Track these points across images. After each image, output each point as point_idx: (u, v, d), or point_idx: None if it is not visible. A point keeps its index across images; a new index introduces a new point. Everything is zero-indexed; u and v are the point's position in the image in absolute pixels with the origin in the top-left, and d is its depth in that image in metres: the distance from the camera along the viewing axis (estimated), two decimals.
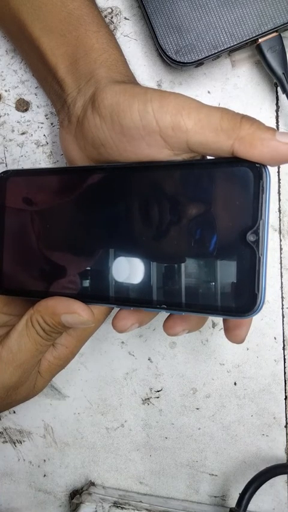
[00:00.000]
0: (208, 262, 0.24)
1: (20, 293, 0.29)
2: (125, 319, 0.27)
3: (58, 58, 0.30)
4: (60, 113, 0.31)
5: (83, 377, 0.39)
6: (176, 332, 0.27)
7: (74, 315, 0.26)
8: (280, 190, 0.37)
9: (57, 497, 0.41)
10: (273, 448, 0.39)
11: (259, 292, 0.22)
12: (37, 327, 0.27)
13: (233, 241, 0.23)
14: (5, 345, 0.28)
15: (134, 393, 0.39)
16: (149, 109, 0.24)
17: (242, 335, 0.27)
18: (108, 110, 0.26)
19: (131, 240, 0.26)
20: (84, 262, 0.27)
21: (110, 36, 0.31)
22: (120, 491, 0.40)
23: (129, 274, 0.26)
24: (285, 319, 0.38)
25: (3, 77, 0.36)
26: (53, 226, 0.28)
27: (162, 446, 0.40)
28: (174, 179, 0.25)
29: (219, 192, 0.23)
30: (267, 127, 0.23)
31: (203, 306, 0.24)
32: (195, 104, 0.24)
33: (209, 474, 0.40)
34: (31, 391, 0.31)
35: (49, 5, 0.30)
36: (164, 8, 0.32)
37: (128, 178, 0.26)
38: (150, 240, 0.25)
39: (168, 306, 0.25)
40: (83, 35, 0.30)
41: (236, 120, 0.23)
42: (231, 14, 0.32)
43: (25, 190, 0.28)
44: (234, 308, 0.23)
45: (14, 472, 0.41)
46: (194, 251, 0.24)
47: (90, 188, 0.27)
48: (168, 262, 0.25)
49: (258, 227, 0.22)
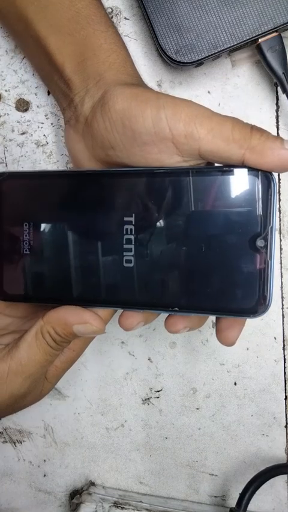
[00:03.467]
0: (219, 266, 0.25)
1: (21, 299, 0.29)
2: (132, 317, 0.27)
3: (65, 57, 0.30)
4: (66, 111, 0.31)
5: (83, 377, 0.39)
6: (178, 330, 0.27)
7: (86, 325, 0.27)
8: (280, 190, 0.37)
9: (57, 497, 0.41)
10: (273, 448, 0.39)
11: (268, 293, 0.24)
12: (48, 338, 0.27)
13: (243, 247, 0.24)
14: (14, 357, 0.28)
15: (134, 393, 0.39)
16: (162, 115, 0.25)
17: (234, 336, 0.27)
18: (119, 115, 0.26)
19: (139, 244, 0.26)
20: (88, 267, 0.27)
21: (117, 36, 0.31)
22: (120, 491, 0.40)
23: (139, 277, 0.26)
24: (285, 319, 0.38)
25: (3, 77, 0.36)
26: (54, 230, 0.27)
27: (162, 446, 0.40)
28: (185, 185, 0.25)
29: (229, 198, 0.24)
30: (276, 137, 0.24)
31: (215, 307, 0.25)
32: (208, 113, 0.25)
33: (209, 474, 0.40)
34: (38, 396, 0.31)
35: (57, 4, 0.29)
36: (164, 8, 0.32)
37: (134, 183, 0.26)
38: (159, 244, 0.25)
39: (180, 308, 0.25)
40: (91, 35, 0.30)
41: (247, 130, 0.24)
42: (231, 13, 0.32)
43: (22, 193, 0.28)
44: (245, 309, 0.24)
45: (14, 472, 0.41)
46: (204, 255, 0.25)
47: (93, 193, 0.27)
48: (179, 267, 0.25)
49: (267, 233, 0.24)
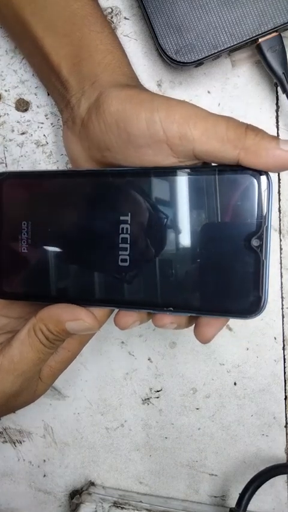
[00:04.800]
0: (214, 266, 0.25)
1: (19, 297, 0.29)
2: (127, 316, 0.27)
3: (62, 58, 0.30)
4: (64, 112, 0.31)
5: (82, 377, 0.39)
6: (164, 324, 0.26)
7: (79, 322, 0.26)
8: (280, 190, 0.37)
9: (57, 497, 0.41)
10: (273, 448, 0.39)
11: (263, 294, 0.24)
12: (40, 335, 0.27)
13: (238, 246, 0.24)
14: (6, 354, 0.28)
15: (133, 393, 0.39)
16: (156, 118, 0.25)
17: (211, 333, 0.26)
18: (114, 117, 0.26)
19: (135, 243, 0.26)
20: (85, 266, 0.27)
21: (113, 37, 0.31)
22: (120, 491, 0.40)
23: (135, 277, 0.26)
24: (285, 319, 0.38)
25: (3, 77, 0.36)
26: (52, 229, 0.27)
27: (162, 446, 0.40)
28: (180, 185, 0.25)
29: (224, 198, 0.24)
30: (271, 136, 0.24)
31: (210, 308, 0.25)
32: (202, 114, 0.24)
33: (209, 474, 0.40)
34: (31, 397, 0.31)
35: (53, 5, 0.29)
36: (164, 8, 0.32)
37: (130, 183, 0.26)
38: (154, 243, 0.25)
39: (175, 308, 0.25)
40: (86, 35, 0.30)
41: (241, 130, 0.24)
42: (231, 13, 0.32)
43: (22, 193, 0.28)
44: (239, 310, 0.24)
45: (13, 472, 0.41)
46: (199, 255, 0.25)
47: (90, 192, 0.27)
48: (175, 266, 0.25)
49: (262, 232, 0.23)
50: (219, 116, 0.24)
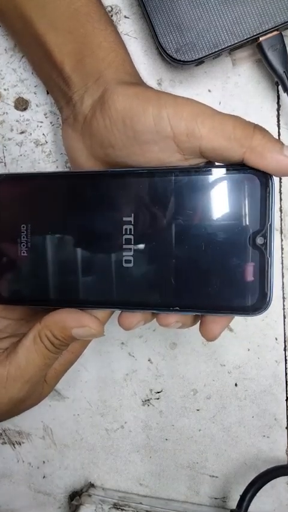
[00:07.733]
0: (219, 264, 0.25)
1: (18, 302, 0.28)
2: (132, 317, 0.27)
3: (65, 55, 0.30)
4: (64, 110, 0.31)
5: (82, 378, 0.39)
6: (169, 323, 0.26)
7: (85, 328, 0.26)
8: (281, 189, 0.37)
9: (57, 499, 0.41)
10: (274, 450, 0.39)
11: (268, 291, 0.24)
12: (46, 342, 0.27)
13: (243, 244, 0.24)
14: (12, 361, 0.28)
15: (134, 394, 0.39)
16: (163, 114, 0.25)
17: (216, 331, 0.27)
18: (120, 114, 0.26)
19: (139, 244, 0.26)
20: (88, 268, 0.26)
21: (116, 35, 0.31)
22: (120, 493, 0.40)
23: (138, 278, 0.26)
24: (286, 319, 0.37)
25: (2, 75, 0.36)
26: (52, 232, 0.27)
27: (162, 447, 0.39)
28: (184, 184, 0.25)
29: (228, 197, 0.25)
30: (276, 140, 0.24)
31: (216, 306, 0.25)
32: (209, 111, 0.25)
33: (209, 476, 0.39)
34: (37, 399, 0.31)
35: (56, 2, 0.29)
36: (164, 6, 0.32)
37: (132, 183, 0.26)
38: (158, 243, 0.25)
39: (181, 308, 0.25)
40: (90, 33, 0.29)
41: (249, 130, 0.24)
42: (232, 12, 0.32)
43: (20, 195, 0.28)
44: (245, 307, 0.24)
45: (13, 473, 0.41)
46: (204, 254, 0.25)
47: (91, 193, 0.26)
48: (179, 266, 0.25)
49: (266, 230, 0.24)
50: (226, 115, 0.25)
